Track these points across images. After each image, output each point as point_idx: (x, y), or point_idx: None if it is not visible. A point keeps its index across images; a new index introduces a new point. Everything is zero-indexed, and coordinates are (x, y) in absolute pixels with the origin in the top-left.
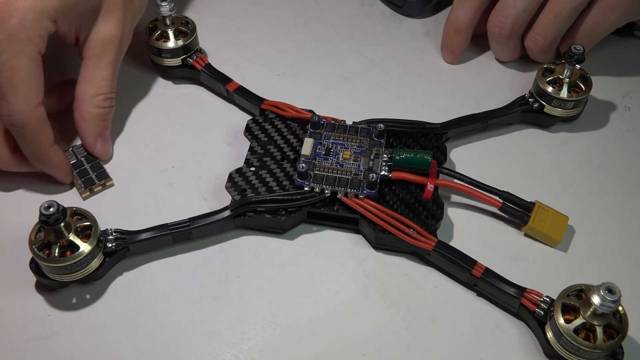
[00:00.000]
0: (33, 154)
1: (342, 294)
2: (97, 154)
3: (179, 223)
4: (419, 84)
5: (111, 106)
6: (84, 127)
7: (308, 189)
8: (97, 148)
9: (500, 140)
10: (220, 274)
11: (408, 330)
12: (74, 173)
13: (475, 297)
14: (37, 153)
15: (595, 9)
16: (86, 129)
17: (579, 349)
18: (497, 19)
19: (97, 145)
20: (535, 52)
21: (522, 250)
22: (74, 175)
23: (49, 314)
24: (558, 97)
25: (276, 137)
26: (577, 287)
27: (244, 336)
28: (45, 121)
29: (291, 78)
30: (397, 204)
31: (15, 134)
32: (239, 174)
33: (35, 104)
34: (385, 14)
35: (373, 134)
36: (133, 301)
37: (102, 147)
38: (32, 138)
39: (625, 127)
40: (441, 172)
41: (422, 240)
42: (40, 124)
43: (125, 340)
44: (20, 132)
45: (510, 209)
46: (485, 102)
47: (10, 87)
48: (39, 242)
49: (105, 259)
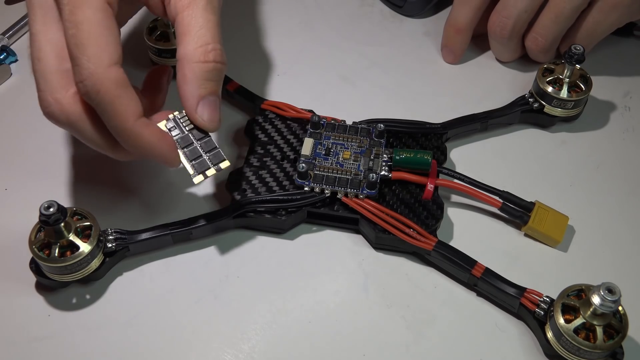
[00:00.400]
0: (116, 130)
1: (342, 294)
2: (200, 123)
3: (179, 223)
4: (419, 84)
5: (217, 61)
6: (184, 89)
7: (308, 189)
8: (199, 115)
9: (500, 140)
10: (220, 274)
11: (408, 330)
12: (181, 152)
13: (475, 297)
14: (120, 127)
15: (595, 9)
16: (186, 91)
17: (579, 349)
18: (498, 19)
19: (198, 111)
20: (536, 52)
21: (522, 250)
22: (181, 155)
23: (49, 314)
24: (558, 97)
25: (276, 137)
26: (577, 287)
27: (244, 336)
28: (125, 85)
29: (291, 78)
30: (397, 204)
31: (94, 106)
32: (239, 174)
33: (108, 63)
34: (385, 14)
35: (373, 134)
36: (133, 301)
37: (206, 114)
38: (111, 106)
39: (625, 127)
40: (441, 172)
41: (422, 240)
42: (118, 88)
43: (125, 340)
44: (96, 101)
45: (510, 209)
46: (485, 102)
47: (77, 46)
48: (39, 242)
49: (105, 259)
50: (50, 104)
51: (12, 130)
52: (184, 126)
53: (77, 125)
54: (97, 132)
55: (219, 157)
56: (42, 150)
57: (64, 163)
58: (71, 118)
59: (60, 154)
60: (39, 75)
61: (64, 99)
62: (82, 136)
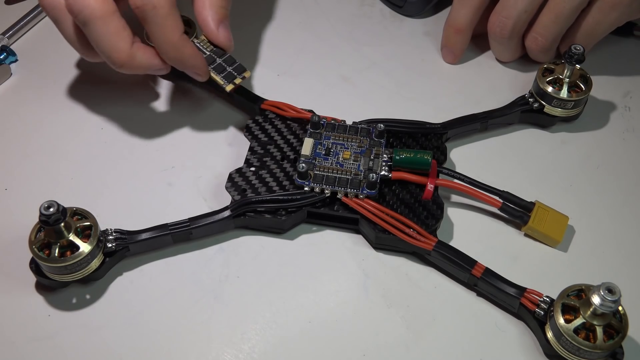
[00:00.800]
0: (166, 43)
1: (342, 294)
2: (220, 42)
3: (179, 223)
4: (419, 84)
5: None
6: (206, 14)
7: (308, 189)
8: (220, 34)
9: (500, 140)
10: (220, 274)
11: (408, 330)
12: (210, 68)
13: (475, 297)
14: (170, 40)
15: (595, 9)
16: (208, 15)
17: (579, 349)
18: (498, 20)
19: (220, 31)
20: (536, 52)
21: (522, 250)
22: (211, 70)
23: (49, 314)
24: (558, 97)
25: (276, 137)
26: (577, 287)
27: (244, 336)
28: (175, 5)
29: (291, 78)
30: (397, 204)
31: (146, 18)
32: (239, 174)
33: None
34: (385, 14)
35: (373, 134)
36: (133, 301)
37: (225, 33)
38: (164, 21)
39: (625, 127)
40: (441, 172)
41: (422, 240)
42: (171, 7)
43: (125, 340)
44: (151, 15)
45: (510, 209)
46: (485, 102)
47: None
48: (39, 242)
49: (105, 259)
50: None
51: (12, 130)
52: (204, 48)
53: (87, 19)
54: (76, 33)
55: (241, 68)
56: (42, 150)
57: (64, 163)
58: (87, 13)
59: (60, 154)
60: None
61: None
62: (72, 28)
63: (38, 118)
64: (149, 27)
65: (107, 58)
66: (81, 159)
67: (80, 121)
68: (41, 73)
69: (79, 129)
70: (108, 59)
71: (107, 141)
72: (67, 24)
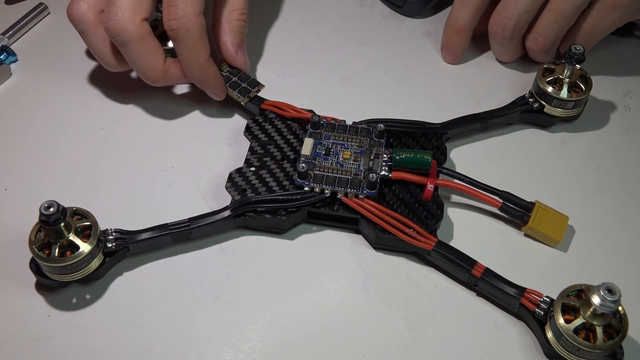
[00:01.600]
0: (193, 63)
1: (342, 294)
2: (239, 64)
3: (179, 223)
4: (419, 84)
5: (245, 21)
6: (225, 40)
7: (308, 189)
8: (239, 58)
9: (500, 140)
10: (220, 274)
11: (408, 330)
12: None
13: (475, 297)
14: (198, 61)
15: (595, 9)
16: (227, 41)
17: (579, 349)
18: (499, 20)
19: (238, 55)
20: (536, 52)
21: (522, 250)
22: (228, 88)
23: (49, 314)
24: (558, 97)
25: (276, 137)
26: (577, 287)
27: (244, 336)
28: (205, 30)
29: (291, 78)
30: (397, 204)
31: (178, 40)
32: (239, 174)
33: (199, 10)
34: (385, 14)
35: (373, 134)
36: (133, 301)
37: (242, 57)
38: (195, 44)
39: (625, 127)
40: (441, 172)
41: (422, 240)
42: (202, 32)
43: (125, 340)
44: (184, 37)
45: (510, 209)
46: (485, 102)
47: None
48: (39, 242)
49: (105, 259)
50: (117, 17)
51: (12, 130)
52: (223, 70)
53: (126, 41)
54: (162, 62)
55: (255, 82)
56: (42, 150)
57: (64, 163)
58: (126, 35)
59: (60, 154)
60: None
61: (132, 20)
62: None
63: (38, 118)
64: (180, 48)
65: (143, 75)
66: (81, 159)
67: (80, 121)
68: (41, 73)
69: (79, 129)
70: (144, 76)
71: (107, 141)
72: (97, 38)
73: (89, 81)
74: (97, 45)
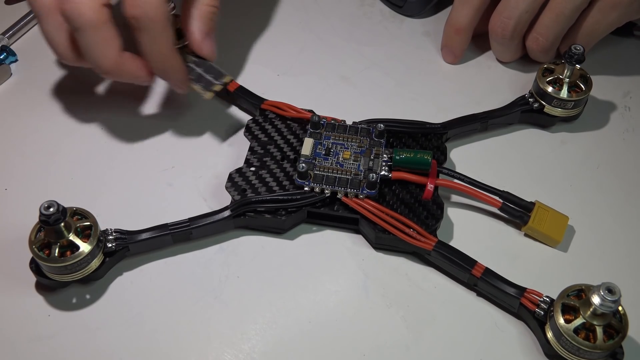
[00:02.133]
0: (157, 54)
1: (342, 294)
2: (205, 52)
3: (179, 223)
4: (419, 84)
5: (217, 7)
6: (194, 25)
7: (308, 189)
8: (205, 45)
9: (500, 140)
10: (220, 274)
11: (408, 330)
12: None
13: (475, 297)
14: (161, 52)
15: (595, 9)
16: (195, 27)
17: (579, 349)
18: (500, 20)
19: (205, 43)
20: (537, 52)
21: (522, 250)
22: (191, 81)
23: (49, 314)
24: (558, 97)
25: (276, 137)
26: (577, 287)
27: (244, 336)
28: (169, 21)
29: (291, 78)
30: (397, 204)
31: (142, 30)
32: (239, 174)
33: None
34: (385, 14)
35: (373, 134)
36: (133, 301)
37: (209, 45)
38: (160, 34)
39: (625, 127)
40: (441, 172)
41: (422, 240)
42: (167, 22)
43: (125, 340)
44: (148, 26)
45: (510, 209)
46: (485, 102)
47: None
48: (39, 242)
49: (105, 259)
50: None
51: (12, 130)
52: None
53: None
54: (67, 39)
55: (221, 74)
56: (42, 150)
57: (64, 163)
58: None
59: (60, 154)
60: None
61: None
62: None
63: (38, 118)
64: (142, 37)
65: (94, 63)
66: (81, 159)
67: (80, 121)
68: (41, 73)
69: (79, 129)
70: (95, 64)
71: (107, 141)
72: (53, 23)
73: (89, 81)
74: (52, 31)
